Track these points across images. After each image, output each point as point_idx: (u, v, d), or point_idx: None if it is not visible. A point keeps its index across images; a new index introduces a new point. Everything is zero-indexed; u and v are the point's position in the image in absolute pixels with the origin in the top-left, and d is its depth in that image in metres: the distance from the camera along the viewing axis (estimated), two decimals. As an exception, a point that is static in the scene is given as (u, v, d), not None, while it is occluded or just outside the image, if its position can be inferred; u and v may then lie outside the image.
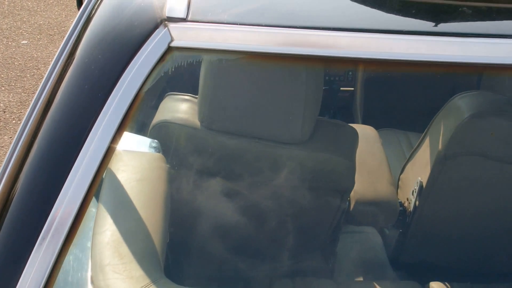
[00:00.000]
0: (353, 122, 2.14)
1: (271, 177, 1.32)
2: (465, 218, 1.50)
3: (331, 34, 0.88)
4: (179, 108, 1.35)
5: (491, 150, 1.38)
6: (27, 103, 3.65)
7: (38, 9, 5.20)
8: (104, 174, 0.98)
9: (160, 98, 1.35)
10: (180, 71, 0.88)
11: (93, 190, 0.80)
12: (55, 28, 4.82)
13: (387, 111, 2.15)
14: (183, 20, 0.87)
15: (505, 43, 0.87)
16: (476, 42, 0.87)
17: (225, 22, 0.89)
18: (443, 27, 0.91)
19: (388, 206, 1.58)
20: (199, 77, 1.19)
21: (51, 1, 5.44)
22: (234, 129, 1.29)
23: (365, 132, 1.74)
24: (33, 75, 4.06)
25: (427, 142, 1.55)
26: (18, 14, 5.05)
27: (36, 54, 4.32)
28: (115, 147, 0.82)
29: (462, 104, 1.39)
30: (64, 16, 5.03)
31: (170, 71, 0.86)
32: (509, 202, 1.43)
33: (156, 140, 1.31)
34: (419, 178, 1.53)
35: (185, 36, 0.86)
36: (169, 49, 0.85)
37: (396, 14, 0.98)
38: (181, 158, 1.32)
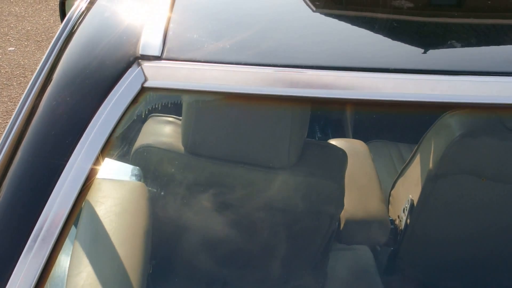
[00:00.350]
0: (344, 136, 2.10)
1: (257, 202, 1.29)
2: (456, 237, 1.48)
3: (315, 73, 0.83)
4: (163, 131, 1.31)
5: (482, 169, 1.35)
6: (13, 112, 3.60)
7: (26, 15, 5.13)
8: (83, 204, 0.94)
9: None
10: (154, 112, 0.83)
11: (71, 221, 0.77)
12: (42, 34, 4.75)
13: (377, 123, 2.11)
14: (158, 58, 0.83)
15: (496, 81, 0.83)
16: (466, 80, 0.83)
17: (203, 60, 0.84)
18: (432, 64, 0.87)
19: (379, 224, 1.56)
20: (182, 104, 1.15)
21: (39, 6, 5.37)
22: (219, 154, 1.25)
23: (355, 147, 1.71)
24: (20, 83, 4.00)
25: (418, 159, 1.52)
26: (5, 20, 4.98)
27: (23, 62, 4.26)
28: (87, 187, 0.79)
29: (453, 123, 1.36)
30: (52, 22, 4.97)
31: (144, 113, 0.82)
32: (501, 221, 1.41)
33: (137, 167, 1.27)
34: (410, 196, 1.51)
35: (159, 75, 0.82)
36: (143, 89, 0.80)
37: (382, 51, 0.92)
38: (164, 185, 1.29)
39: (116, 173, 1.27)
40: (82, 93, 0.81)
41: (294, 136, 1.20)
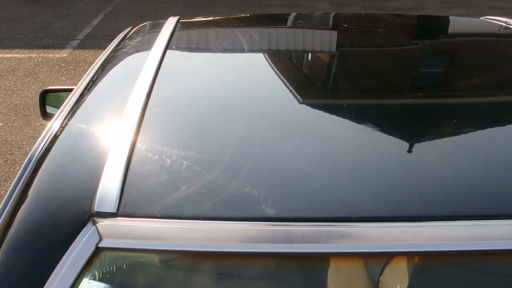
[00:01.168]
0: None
1: None
2: None
3: (283, 226, 0.79)
4: None
5: None
6: (-2, 193, 3.55)
7: (15, 88, 5.16)
8: None
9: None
10: (110, 275, 0.78)
11: None
12: (31, 108, 4.77)
13: None
14: (113, 215, 0.79)
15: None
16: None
17: (161, 216, 0.80)
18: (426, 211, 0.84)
19: None
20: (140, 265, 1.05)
21: (28, 79, 5.41)
22: None
23: None
24: (6, 160, 3.97)
25: None
26: (-6, 94, 5.01)
27: (10, 138, 4.24)
28: None
29: None
30: (40, 95, 4.99)
31: (98, 276, 0.77)
32: None
33: None
34: None
35: (115, 234, 0.78)
36: (97, 250, 0.77)
37: (360, 200, 0.86)
38: None
39: None
40: (34, 258, 0.77)
41: None
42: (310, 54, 1.59)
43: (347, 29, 1.93)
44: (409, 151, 0.98)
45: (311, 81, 1.30)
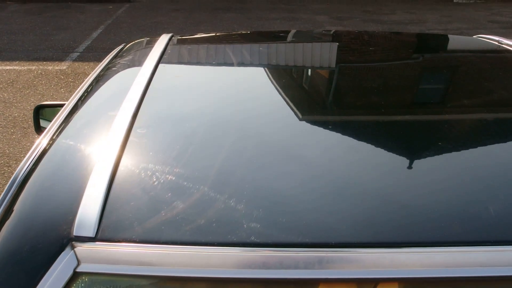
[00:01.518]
0: None
1: None
2: None
3: (266, 253, 0.79)
4: None
5: None
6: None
7: (14, 101, 5.19)
8: None
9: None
10: None
11: None
12: (29, 120, 4.78)
13: None
14: (92, 239, 0.79)
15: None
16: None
17: (140, 241, 0.79)
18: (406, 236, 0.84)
19: None
20: None
21: (27, 91, 5.44)
22: None
23: None
24: (4, 173, 3.97)
25: None
26: (-7, 107, 5.02)
27: (8, 150, 4.25)
28: None
29: None
30: (39, 107, 5.01)
31: None
32: None
33: None
34: None
35: (93, 258, 0.78)
36: (75, 275, 0.77)
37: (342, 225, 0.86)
38: None
39: None
40: (12, 283, 0.76)
41: None
42: (295, 75, 1.60)
43: (330, 48, 1.94)
44: (390, 175, 0.98)
45: (297, 104, 1.30)
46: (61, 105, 2.24)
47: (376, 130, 1.17)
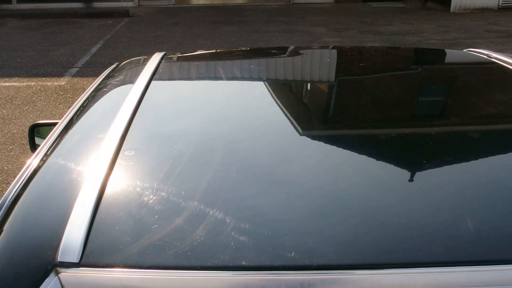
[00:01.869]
0: None
1: None
2: None
3: (249, 277, 0.79)
4: None
5: None
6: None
7: (13, 117, 5.21)
8: None
9: None
10: None
11: None
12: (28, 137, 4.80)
13: None
14: (76, 265, 0.80)
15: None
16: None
17: (124, 265, 0.80)
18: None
19: None
20: None
21: (26, 108, 5.46)
22: None
23: None
24: (2, 190, 3.98)
25: None
26: (-8, 123, 5.05)
27: (6, 167, 4.27)
28: None
29: None
30: (38, 124, 5.03)
31: None
32: None
33: None
34: None
35: (77, 284, 0.78)
36: None
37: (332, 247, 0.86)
38: None
39: None
40: None
41: None
42: (284, 95, 1.61)
43: (319, 66, 1.95)
44: (372, 195, 0.99)
45: (284, 124, 1.31)
46: (56, 124, 2.26)
47: (358, 149, 1.18)
